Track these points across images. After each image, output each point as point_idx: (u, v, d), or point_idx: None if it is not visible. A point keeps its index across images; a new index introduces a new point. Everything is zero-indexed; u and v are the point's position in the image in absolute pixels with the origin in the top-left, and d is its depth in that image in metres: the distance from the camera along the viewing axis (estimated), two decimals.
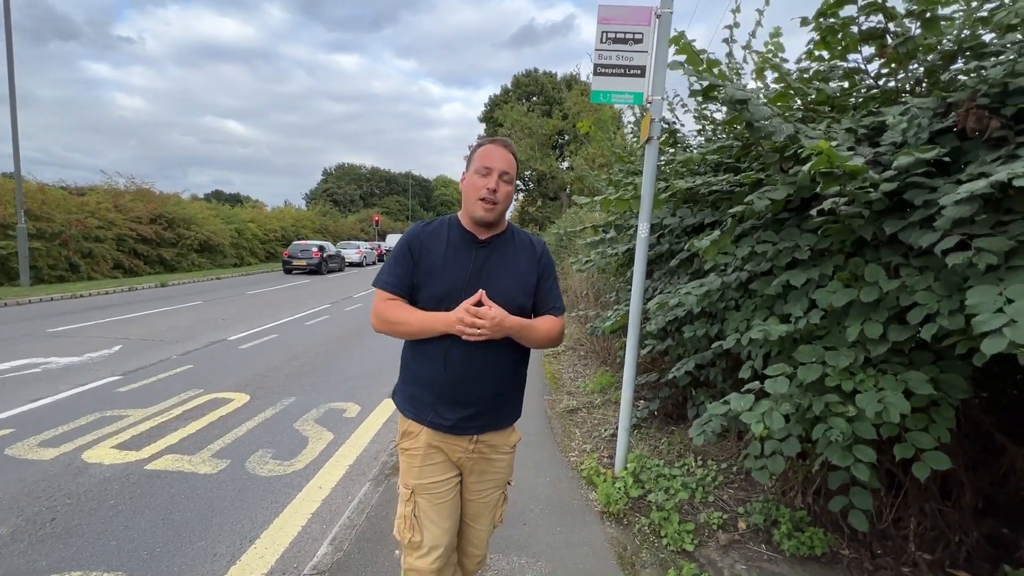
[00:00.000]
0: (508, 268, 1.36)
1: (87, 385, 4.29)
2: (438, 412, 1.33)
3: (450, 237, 1.35)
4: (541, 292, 1.41)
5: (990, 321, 1.16)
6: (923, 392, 1.55)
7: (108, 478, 2.68)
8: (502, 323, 1.24)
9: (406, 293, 1.34)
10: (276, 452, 3.09)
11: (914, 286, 1.54)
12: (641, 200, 2.55)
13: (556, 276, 1.48)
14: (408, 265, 1.33)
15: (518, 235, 1.45)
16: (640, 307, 2.63)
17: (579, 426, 3.61)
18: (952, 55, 1.93)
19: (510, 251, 1.39)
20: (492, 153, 1.32)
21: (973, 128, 1.57)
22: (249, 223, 22.44)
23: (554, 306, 1.42)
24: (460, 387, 1.32)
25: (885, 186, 1.58)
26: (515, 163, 1.37)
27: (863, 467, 1.58)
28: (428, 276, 1.31)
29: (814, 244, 1.89)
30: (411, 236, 1.37)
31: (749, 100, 1.97)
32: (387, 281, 1.34)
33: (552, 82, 30.08)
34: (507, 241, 1.40)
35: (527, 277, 1.38)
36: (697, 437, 1.98)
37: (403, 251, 1.35)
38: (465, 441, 1.37)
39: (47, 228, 12.27)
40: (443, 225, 1.39)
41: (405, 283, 1.33)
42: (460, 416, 1.33)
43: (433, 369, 1.32)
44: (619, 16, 2.34)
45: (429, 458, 1.36)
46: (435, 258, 1.32)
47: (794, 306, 1.88)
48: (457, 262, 1.32)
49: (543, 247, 1.46)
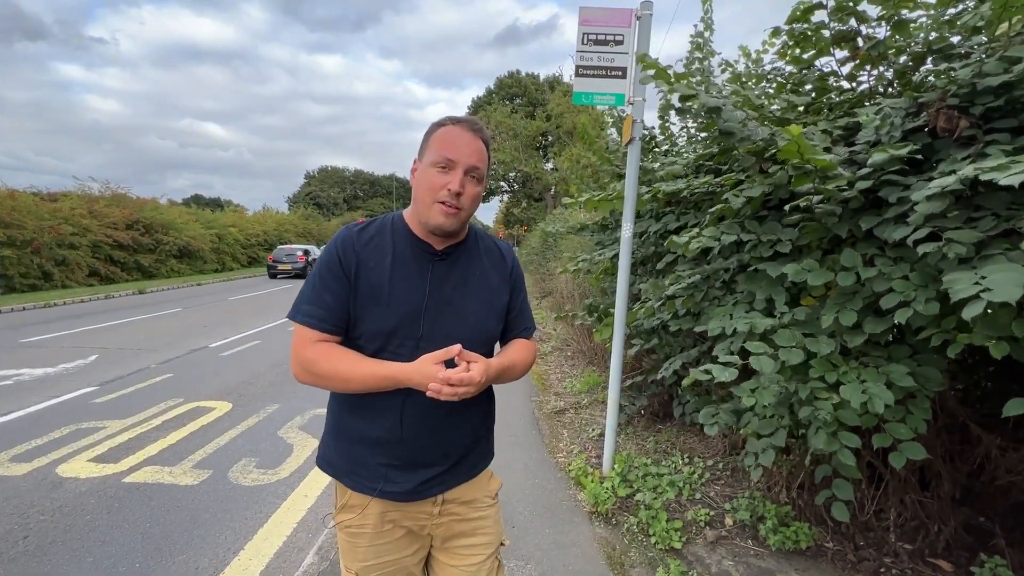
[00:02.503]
0: (476, 287, 1.05)
1: (62, 397, 4.15)
2: (390, 479, 1.02)
3: (396, 248, 1.01)
4: (513, 312, 1.13)
5: (967, 289, 1.18)
6: (904, 384, 1.58)
7: (84, 492, 2.60)
8: (486, 381, 0.96)
9: (342, 329, 0.98)
10: (260, 461, 3.03)
11: (890, 274, 1.58)
12: (624, 201, 2.57)
13: (526, 289, 1.21)
14: (342, 289, 0.97)
15: (483, 241, 1.13)
16: (625, 308, 2.65)
17: (567, 427, 3.62)
18: (921, 57, 1.99)
19: (475, 263, 1.07)
20: (457, 140, 0.96)
21: (943, 128, 1.62)
22: (230, 228, 22.05)
23: (526, 327, 1.16)
24: (421, 447, 1.03)
25: (861, 184, 1.62)
26: (487, 154, 1.01)
27: (847, 452, 1.62)
28: (370, 304, 0.97)
29: (795, 239, 1.93)
30: (341, 247, 0.99)
31: (723, 107, 2.00)
32: (312, 314, 0.96)
33: (535, 84, 30.21)
34: (471, 251, 1.08)
35: (498, 296, 1.08)
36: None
37: (332, 269, 0.97)
38: (428, 505, 1.07)
39: (18, 235, 11.88)
40: (385, 230, 1.03)
41: (339, 316, 0.97)
42: (420, 480, 1.04)
43: (384, 427, 1.01)
44: (600, 18, 2.36)
45: (381, 536, 1.06)
46: (378, 278, 0.97)
47: (778, 301, 1.92)
48: (410, 282, 0.99)
49: (513, 255, 1.17)
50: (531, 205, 29.00)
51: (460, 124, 0.99)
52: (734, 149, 2.28)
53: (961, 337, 1.42)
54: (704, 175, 2.74)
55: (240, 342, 6.53)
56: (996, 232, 1.38)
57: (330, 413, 1.09)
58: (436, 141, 0.98)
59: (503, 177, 28.88)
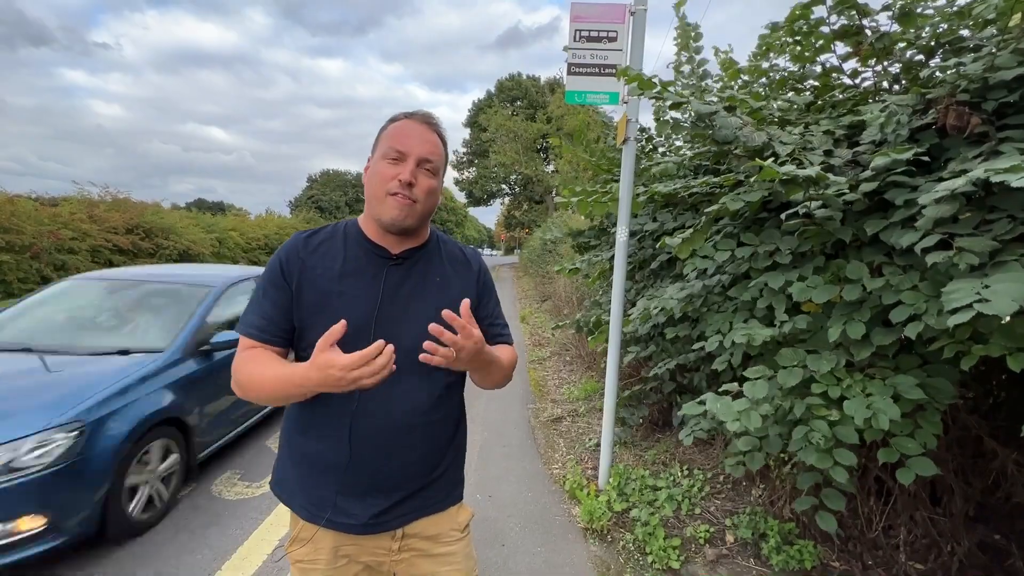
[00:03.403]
0: (435, 294, 0.97)
1: None
2: (341, 507, 0.93)
3: (348, 252, 0.95)
4: (485, 321, 1.04)
5: (964, 298, 1.11)
6: (913, 397, 1.49)
7: None
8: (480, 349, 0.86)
9: (283, 339, 0.93)
10: (245, 472, 2.94)
11: (899, 285, 1.49)
12: (619, 203, 2.48)
13: (497, 297, 1.14)
14: (283, 298, 0.92)
15: (446, 245, 1.06)
16: (621, 313, 2.56)
17: (563, 436, 3.52)
18: (930, 51, 1.89)
19: (436, 268, 1.00)
20: (408, 132, 0.92)
21: (953, 125, 1.52)
22: (231, 232, 22.04)
23: (503, 334, 1.09)
24: (374, 471, 0.93)
25: (865, 186, 1.53)
26: (442, 149, 0.97)
27: (841, 470, 1.52)
28: (317, 312, 0.90)
29: (795, 247, 1.83)
30: (286, 254, 0.94)
31: (716, 113, 1.91)
32: (250, 324, 0.92)
33: (536, 86, 30.20)
34: (432, 255, 1.01)
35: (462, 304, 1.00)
36: (686, 438, 1.92)
37: (272, 278, 0.93)
38: (386, 540, 0.98)
39: (17, 241, 11.86)
40: (336, 235, 0.98)
41: (279, 325, 0.92)
42: (375, 511, 0.94)
43: (332, 447, 0.92)
44: (592, 14, 2.27)
45: (334, 573, 0.98)
46: (325, 285, 0.91)
47: (778, 309, 1.82)
48: (360, 288, 0.92)
49: (479, 261, 1.10)
50: (532, 208, 28.94)
51: (412, 117, 0.95)
52: (730, 153, 2.20)
53: (976, 349, 1.32)
54: (703, 175, 2.65)
55: None
56: (1012, 236, 1.28)
57: (281, 432, 1.03)
58: (387, 135, 0.94)
59: (504, 180, 28.84)
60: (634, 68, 2.28)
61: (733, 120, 1.92)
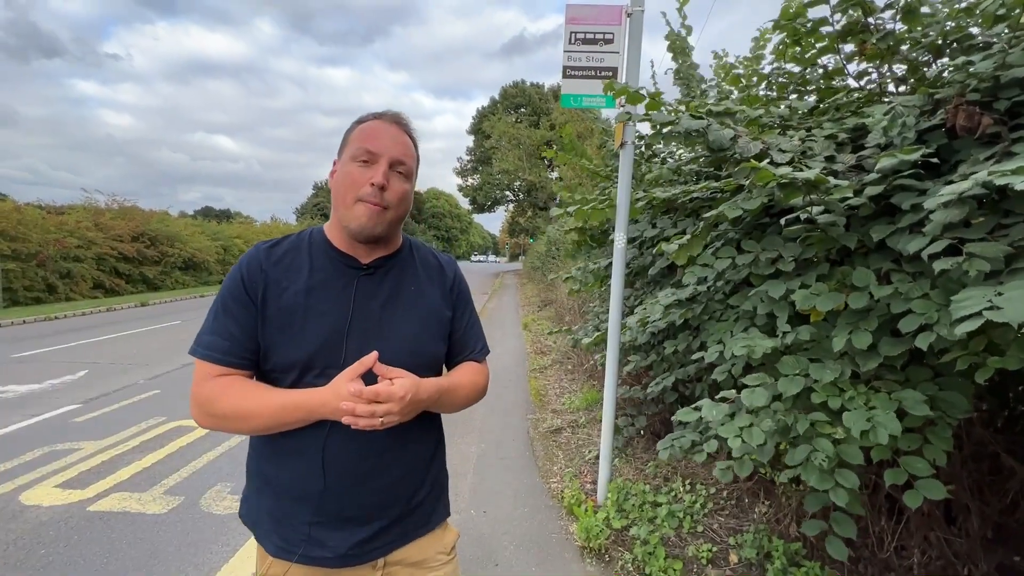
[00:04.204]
0: (410, 304, 0.92)
1: (42, 415, 4.03)
2: (316, 539, 0.86)
3: (314, 263, 0.88)
4: (458, 332, 1.00)
5: (974, 306, 1.03)
6: (919, 413, 1.40)
7: (44, 523, 2.45)
8: (415, 399, 0.80)
9: (250, 362, 0.85)
10: (235, 486, 2.88)
11: (908, 293, 1.40)
12: (617, 209, 2.42)
13: (474, 306, 1.08)
14: (245, 316, 0.83)
15: (419, 252, 1.00)
16: (619, 322, 2.48)
17: (562, 447, 3.43)
18: (937, 49, 1.82)
19: (409, 277, 0.94)
20: (380, 132, 0.86)
21: (964, 126, 1.45)
22: (236, 239, 22.18)
23: (475, 349, 1.03)
24: (351, 498, 0.86)
25: (870, 190, 1.46)
26: (414, 150, 0.91)
27: (843, 492, 1.43)
28: (281, 330, 0.83)
29: (798, 254, 1.76)
30: (247, 267, 0.86)
31: (708, 127, 1.85)
32: (212, 346, 0.83)
33: (539, 93, 30.30)
34: (405, 263, 0.95)
35: (438, 313, 0.95)
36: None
37: (235, 294, 0.84)
38: (367, 571, 0.91)
39: (23, 249, 11.96)
40: (300, 246, 0.90)
41: (244, 346, 0.84)
42: (353, 541, 0.87)
43: (303, 474, 0.85)
44: (588, 16, 2.22)
45: None
46: (290, 300, 0.84)
47: (780, 318, 1.74)
48: (329, 302, 0.85)
49: (455, 268, 1.04)
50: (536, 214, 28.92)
51: (382, 118, 0.89)
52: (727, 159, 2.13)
53: (993, 361, 1.24)
54: (703, 179, 2.58)
55: None
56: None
57: (248, 459, 0.94)
58: (356, 136, 0.87)
59: (508, 186, 28.86)
60: (631, 70, 2.22)
61: (726, 132, 1.85)
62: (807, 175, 1.33)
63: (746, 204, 1.79)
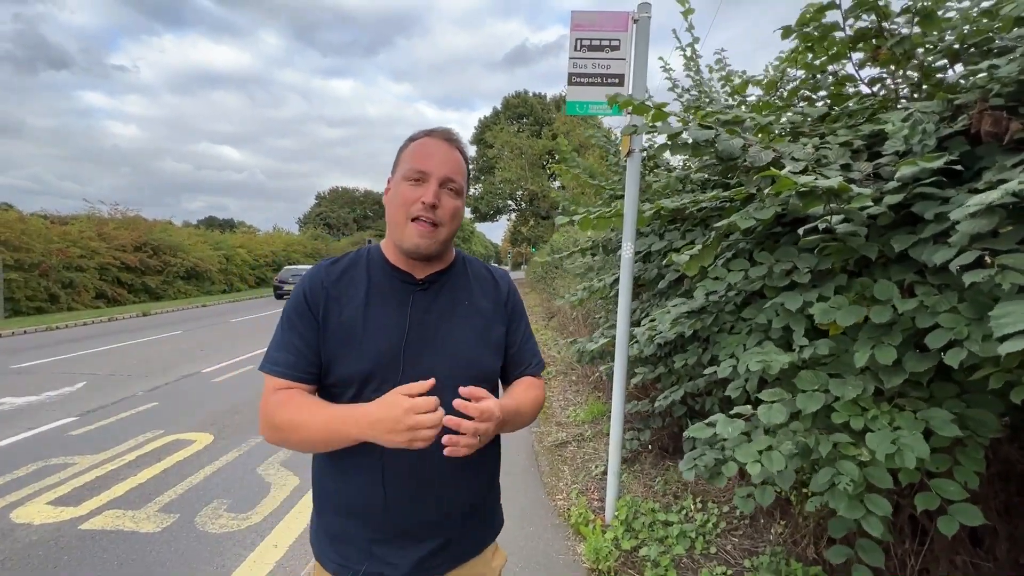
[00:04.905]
0: (464, 317, 0.92)
1: (38, 428, 3.97)
2: (379, 557, 0.86)
3: (372, 279, 0.90)
4: (514, 347, 0.99)
5: (1014, 323, 0.96)
6: (947, 433, 1.33)
7: (34, 542, 2.37)
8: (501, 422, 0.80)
9: (314, 376, 0.87)
10: (232, 503, 2.80)
11: (935, 306, 1.34)
12: (624, 219, 2.36)
13: (528, 320, 1.06)
14: (309, 331, 0.86)
15: (472, 267, 1.01)
16: (627, 334, 2.41)
17: (568, 462, 3.34)
18: (955, 54, 1.77)
19: (463, 292, 0.95)
20: (430, 151, 0.87)
21: (990, 132, 1.39)
22: (238, 248, 22.21)
23: (531, 364, 1.01)
24: (412, 514, 0.86)
25: (890, 198, 1.40)
26: (465, 167, 0.93)
27: (875, 521, 1.35)
28: (342, 345, 0.85)
29: (814, 265, 1.69)
30: (309, 284, 0.89)
31: (718, 137, 1.80)
32: (277, 361, 0.86)
33: (542, 103, 30.48)
34: (458, 278, 0.96)
35: (492, 327, 0.95)
36: (687, 472, 1.75)
37: (298, 309, 0.87)
38: None
39: (26, 259, 11.96)
40: (359, 263, 0.93)
41: (309, 360, 0.86)
42: (416, 558, 0.87)
43: (365, 491, 0.86)
44: (594, 22, 2.19)
45: None
46: (350, 315, 0.86)
47: (797, 332, 1.68)
48: (387, 317, 0.87)
49: (508, 281, 1.03)
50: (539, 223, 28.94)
51: (433, 135, 0.91)
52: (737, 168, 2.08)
53: None
54: (711, 189, 2.52)
55: (235, 367, 6.34)
56: None
57: (313, 482, 0.95)
58: (407, 155, 0.89)
59: (510, 196, 28.92)
60: (638, 77, 2.18)
61: (736, 141, 1.80)
62: (829, 183, 1.28)
63: (758, 214, 1.74)
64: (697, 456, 1.80)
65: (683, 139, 1.79)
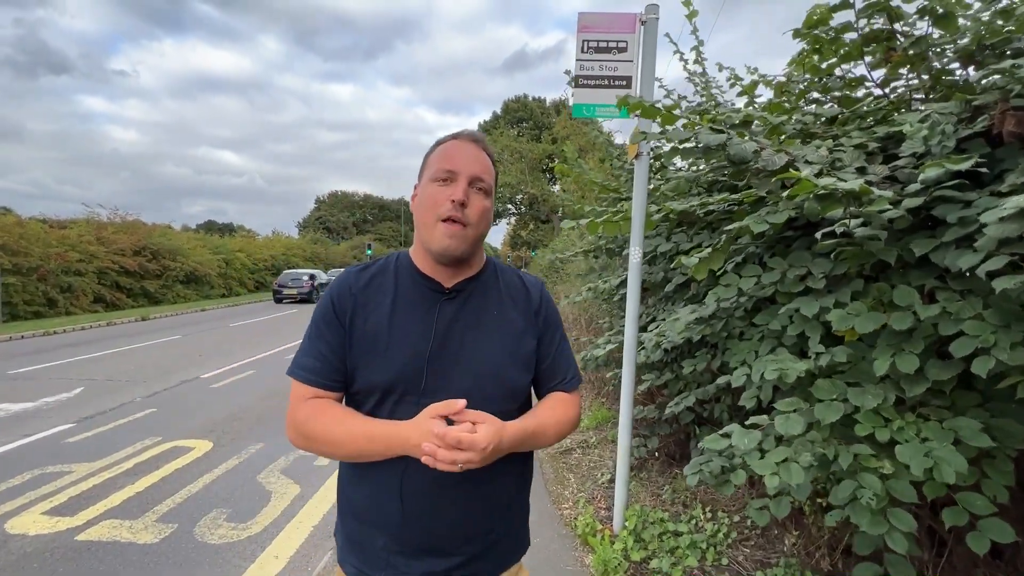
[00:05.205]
0: (493, 330, 0.89)
1: (34, 436, 3.91)
2: (395, 566, 0.85)
3: (399, 286, 0.88)
4: (546, 360, 0.93)
5: None
6: (978, 444, 1.28)
7: (29, 554, 2.32)
8: (498, 449, 0.77)
9: (339, 384, 0.86)
10: (232, 512, 2.74)
11: (959, 313, 1.30)
12: (632, 222, 2.33)
13: (564, 331, 1.01)
14: (335, 338, 0.85)
15: (504, 275, 0.96)
16: (635, 340, 2.37)
17: (573, 470, 3.29)
18: (970, 55, 1.74)
19: (493, 301, 0.91)
20: (458, 152, 0.86)
21: (1013, 132, 1.36)
22: (238, 252, 22.16)
23: (565, 378, 0.95)
24: (430, 529, 0.84)
25: (909, 202, 1.36)
26: (492, 167, 0.91)
27: (900, 537, 1.30)
28: (366, 353, 0.84)
29: (829, 271, 1.65)
30: (337, 290, 0.88)
31: (729, 141, 1.77)
32: (306, 366, 0.86)
33: (541, 107, 30.56)
34: (487, 286, 0.92)
35: (522, 340, 0.90)
36: (691, 477, 1.71)
37: (326, 316, 0.86)
38: None
39: (24, 263, 11.91)
40: (387, 269, 0.91)
41: (335, 368, 0.85)
42: (432, 571, 0.85)
43: (382, 502, 0.84)
44: (601, 24, 2.15)
45: None
46: (376, 322, 0.85)
47: (812, 338, 1.63)
48: (412, 326, 0.85)
49: (541, 290, 0.98)
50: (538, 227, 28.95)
51: (460, 137, 0.90)
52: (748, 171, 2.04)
53: None
54: (718, 192, 2.49)
55: (234, 372, 6.29)
56: None
57: (337, 486, 0.94)
58: (434, 158, 0.88)
59: (510, 199, 28.94)
60: (646, 79, 2.15)
61: (748, 145, 1.77)
62: (850, 185, 1.24)
63: (771, 217, 1.70)
64: (704, 462, 1.76)
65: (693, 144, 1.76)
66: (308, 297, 17.30)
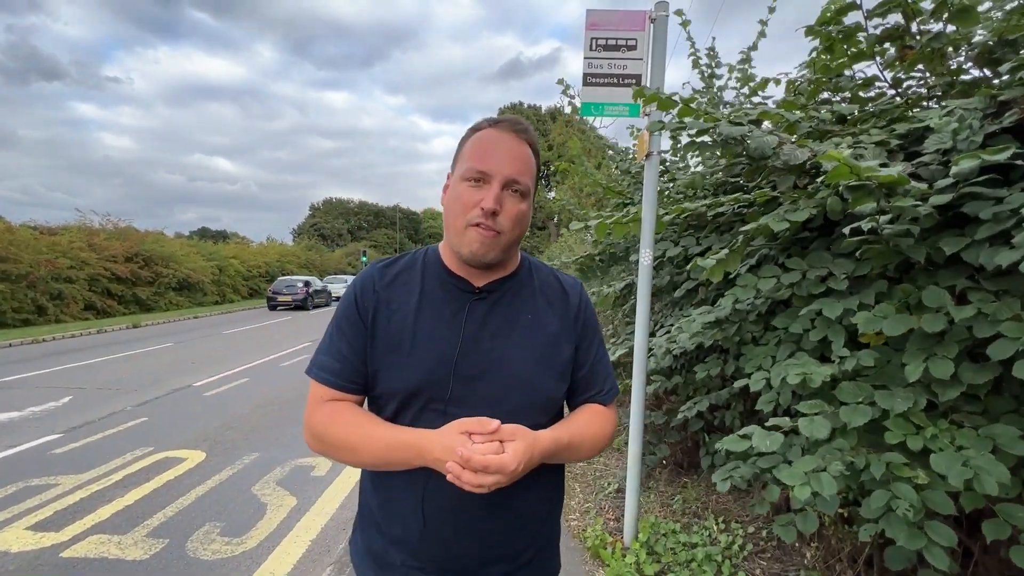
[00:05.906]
0: (525, 334, 0.81)
1: (19, 447, 3.77)
2: None
3: (426, 285, 0.81)
4: (583, 368, 0.86)
5: None
6: (1018, 452, 1.22)
7: (11, 572, 2.20)
8: (529, 464, 0.70)
9: (360, 386, 0.80)
10: (226, 526, 2.63)
11: (995, 314, 1.24)
12: (642, 224, 2.27)
13: (603, 338, 0.94)
14: (357, 338, 0.79)
15: (539, 274, 0.88)
16: (645, 346, 2.31)
17: (579, 479, 3.20)
18: (989, 50, 1.71)
19: (526, 303, 0.83)
20: (494, 146, 0.76)
21: None
22: (231, 259, 21.97)
23: (602, 390, 0.87)
24: (452, 547, 0.78)
25: (936, 199, 1.31)
26: (534, 161, 0.81)
27: (939, 552, 1.23)
28: (389, 355, 0.78)
29: (851, 271, 1.60)
30: (360, 287, 0.82)
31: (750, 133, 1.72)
32: (325, 367, 0.80)
33: (537, 115, 30.71)
34: (521, 286, 0.84)
35: (557, 346, 0.83)
36: (721, 484, 1.63)
37: (348, 314, 0.80)
38: None
39: (13, 269, 11.70)
40: (414, 265, 0.84)
41: (356, 370, 0.79)
42: None
43: (404, 515, 0.79)
44: (610, 21, 2.11)
45: None
46: (400, 322, 0.78)
47: (836, 342, 1.57)
48: (438, 327, 0.78)
49: (581, 292, 0.90)
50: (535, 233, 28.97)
51: (498, 126, 0.79)
52: (765, 168, 1.99)
53: None
54: (726, 193, 2.44)
55: (227, 380, 6.15)
56: None
57: (360, 494, 0.89)
58: (468, 151, 0.78)
59: None
60: (656, 77, 2.10)
61: (769, 139, 1.72)
62: (889, 171, 1.18)
63: (792, 215, 1.64)
64: (732, 468, 1.68)
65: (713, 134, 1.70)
66: (303, 304, 17.19)
